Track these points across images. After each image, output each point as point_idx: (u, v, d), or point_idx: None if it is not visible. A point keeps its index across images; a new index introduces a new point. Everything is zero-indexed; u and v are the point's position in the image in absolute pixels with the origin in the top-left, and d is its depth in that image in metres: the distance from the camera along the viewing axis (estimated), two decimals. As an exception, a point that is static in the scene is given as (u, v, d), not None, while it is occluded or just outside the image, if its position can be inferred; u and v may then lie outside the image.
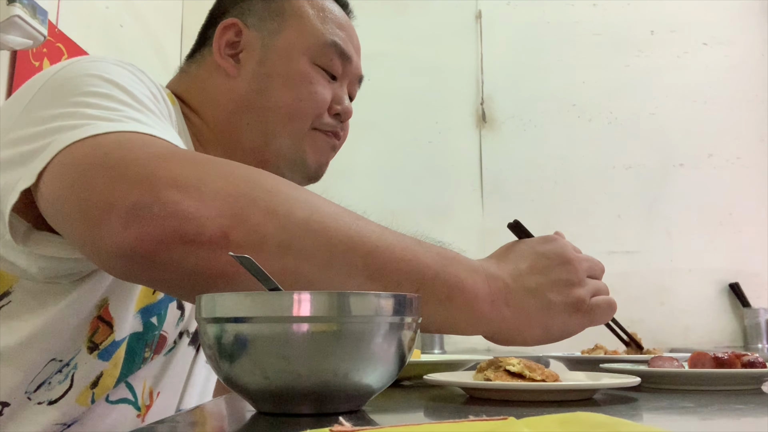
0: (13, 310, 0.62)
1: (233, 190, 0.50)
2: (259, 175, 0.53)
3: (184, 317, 0.78)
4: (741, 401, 0.57)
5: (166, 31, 2.40)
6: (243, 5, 0.86)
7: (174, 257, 0.48)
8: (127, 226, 0.48)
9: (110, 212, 0.48)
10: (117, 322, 0.68)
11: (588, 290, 0.63)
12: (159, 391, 0.78)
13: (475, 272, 0.57)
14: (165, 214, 0.47)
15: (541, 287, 0.60)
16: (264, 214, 0.49)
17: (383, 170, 2.48)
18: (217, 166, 0.52)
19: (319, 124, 0.83)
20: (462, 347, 2.33)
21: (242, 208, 0.49)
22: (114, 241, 0.48)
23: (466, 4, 2.62)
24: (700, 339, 2.34)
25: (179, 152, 0.54)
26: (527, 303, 0.59)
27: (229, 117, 0.81)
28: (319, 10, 0.85)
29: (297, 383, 0.43)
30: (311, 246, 0.50)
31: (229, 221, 0.48)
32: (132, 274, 0.54)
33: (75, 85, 0.60)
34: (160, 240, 0.47)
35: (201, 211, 0.48)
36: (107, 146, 0.52)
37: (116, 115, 0.56)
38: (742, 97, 2.50)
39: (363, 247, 0.52)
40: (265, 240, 0.49)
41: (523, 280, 0.60)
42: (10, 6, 1.37)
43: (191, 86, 0.84)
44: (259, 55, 0.82)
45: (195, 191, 0.48)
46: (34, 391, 0.65)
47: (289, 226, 0.50)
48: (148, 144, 0.53)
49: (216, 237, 0.48)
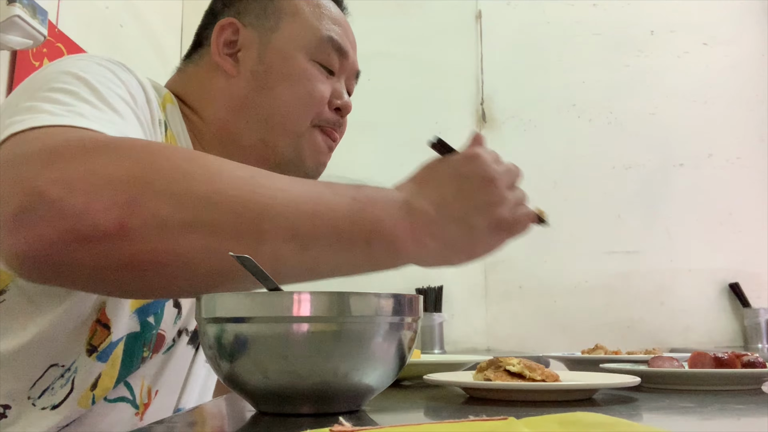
0: (10, 310, 0.62)
1: (124, 175, 0.48)
2: (152, 155, 0.50)
3: (181, 315, 0.78)
4: (741, 401, 0.57)
5: (166, 31, 2.40)
6: (239, 5, 0.86)
7: (74, 256, 0.47)
8: (14, 232, 0.46)
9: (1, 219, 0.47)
10: (114, 322, 0.68)
11: (509, 206, 0.62)
12: (157, 390, 0.78)
13: (395, 209, 0.57)
14: (52, 215, 0.45)
15: (466, 214, 0.60)
16: (160, 195, 0.48)
17: (383, 170, 2.47)
18: (109, 151, 0.50)
19: (319, 121, 0.83)
20: (462, 347, 2.33)
21: (136, 193, 0.47)
22: (6, 247, 0.47)
23: (466, 4, 2.62)
24: (700, 339, 2.34)
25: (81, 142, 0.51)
26: (452, 232, 0.59)
27: (228, 115, 0.82)
28: (314, 7, 0.86)
29: (297, 383, 0.43)
30: (216, 220, 0.49)
31: (122, 210, 0.46)
32: (38, 278, 0.52)
33: (45, 81, 0.60)
34: (54, 242, 0.46)
35: (90, 204, 0.46)
36: (25, 142, 0.50)
37: (64, 109, 0.55)
38: (742, 97, 2.49)
39: (271, 209, 0.51)
40: (166, 222, 0.47)
41: (447, 208, 0.59)
42: (10, 6, 1.37)
43: (190, 86, 0.84)
44: (257, 53, 0.83)
45: (82, 184, 0.46)
46: (38, 398, 0.65)
47: (188, 203, 0.48)
48: (73, 137, 0.51)
49: (112, 229, 0.46)
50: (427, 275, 2.31)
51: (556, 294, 2.36)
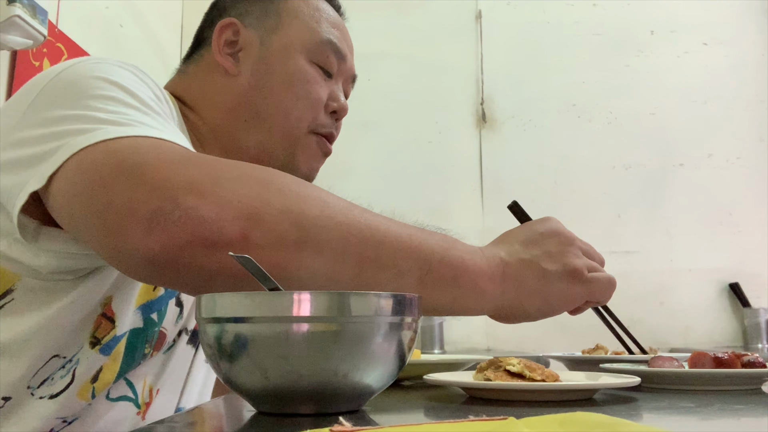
0: (16, 307, 0.63)
1: (248, 191, 0.51)
2: (270, 175, 0.55)
3: (183, 315, 0.78)
4: (741, 401, 0.57)
5: (166, 31, 2.40)
6: (239, 6, 0.87)
7: (197, 261, 0.49)
8: (149, 233, 0.49)
9: (130, 219, 0.49)
10: (118, 317, 0.69)
11: (584, 262, 0.64)
12: (159, 389, 0.78)
13: (474, 253, 0.60)
14: (186, 220, 0.49)
15: (535, 258, 0.62)
16: (279, 213, 0.51)
17: (383, 170, 2.47)
18: (229, 168, 0.54)
19: (315, 126, 0.84)
20: (462, 347, 2.33)
21: (258, 209, 0.50)
22: (137, 247, 0.49)
23: (466, 4, 2.62)
24: (700, 339, 2.34)
25: (191, 156, 0.55)
26: (524, 274, 0.61)
27: (227, 114, 0.82)
28: (313, 10, 0.87)
29: (297, 383, 0.43)
30: (325, 241, 0.52)
31: (247, 223, 0.50)
32: (155, 278, 0.55)
33: (80, 88, 0.60)
34: (183, 245, 0.49)
35: (220, 214, 0.49)
36: (121, 151, 0.53)
37: (124, 118, 0.57)
38: (742, 97, 2.49)
39: (373, 238, 0.54)
40: (283, 238, 0.51)
41: (517, 253, 0.62)
42: (10, 6, 1.37)
43: (190, 86, 0.85)
44: (258, 53, 0.84)
45: (212, 195, 0.50)
46: (37, 387, 0.65)
47: (303, 224, 0.52)
48: (161, 149, 0.54)
49: (236, 239, 0.49)
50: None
51: (556, 294, 2.36)
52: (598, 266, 0.67)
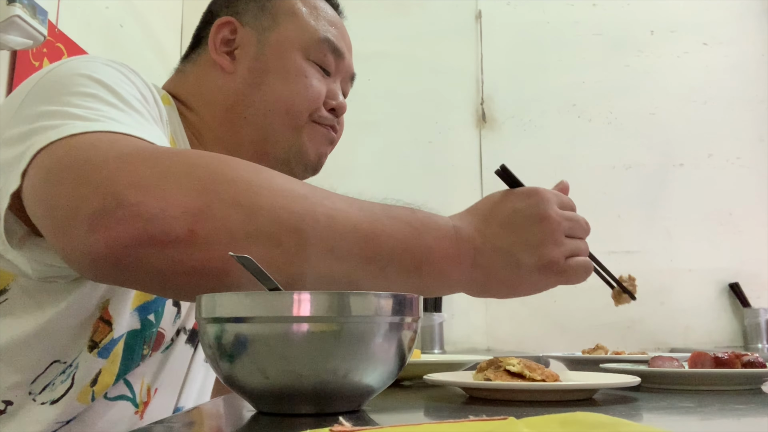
0: (11, 308, 0.62)
1: (196, 184, 0.49)
2: (221, 165, 0.52)
3: (180, 314, 0.78)
4: (741, 401, 0.57)
5: (166, 31, 2.40)
6: (237, 5, 0.87)
7: (143, 259, 0.48)
8: (92, 232, 0.47)
9: (75, 218, 0.48)
10: (115, 319, 0.68)
11: (563, 251, 0.62)
12: (157, 388, 0.78)
13: (443, 238, 0.58)
14: (129, 217, 0.47)
15: (511, 247, 0.60)
16: (228, 206, 0.49)
17: (383, 170, 2.47)
18: (178, 160, 0.52)
19: (317, 117, 0.84)
20: (462, 347, 2.33)
21: (206, 202, 0.49)
22: (82, 246, 0.48)
23: (466, 4, 2.62)
24: (700, 339, 2.34)
25: (144, 150, 0.53)
26: (495, 263, 0.60)
27: (225, 113, 0.82)
28: (311, 8, 0.87)
29: (297, 383, 0.43)
30: (278, 234, 0.50)
31: (194, 218, 0.48)
32: (104, 277, 0.54)
33: (63, 85, 0.60)
34: (128, 243, 0.47)
35: (165, 210, 0.48)
36: (77, 148, 0.52)
37: (96, 114, 0.56)
38: (742, 97, 2.49)
39: (330, 228, 0.52)
40: (233, 232, 0.49)
41: (493, 240, 0.60)
42: (10, 6, 1.37)
43: (187, 85, 0.85)
44: (255, 51, 0.83)
45: (157, 190, 0.48)
46: (39, 393, 0.65)
47: (254, 216, 0.50)
48: (117, 143, 0.52)
49: (183, 235, 0.48)
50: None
51: (556, 294, 2.34)
52: (581, 246, 0.64)
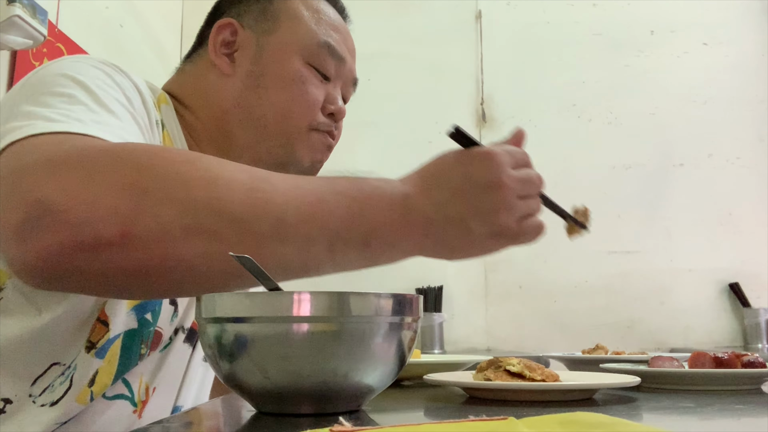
0: (6, 306, 0.62)
1: (124, 182, 0.48)
2: (151, 160, 0.51)
3: (177, 313, 0.78)
4: (741, 401, 0.57)
5: (166, 31, 2.40)
6: (239, 6, 0.87)
7: (79, 265, 0.47)
8: (22, 242, 0.47)
9: (6, 229, 0.48)
10: (112, 319, 0.68)
11: (515, 216, 0.60)
12: (155, 387, 0.78)
13: (392, 209, 0.57)
14: (57, 225, 0.46)
15: (463, 216, 0.58)
16: (160, 202, 0.48)
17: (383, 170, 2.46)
18: (109, 158, 0.50)
19: (316, 125, 0.84)
20: (462, 347, 2.33)
21: (137, 201, 0.47)
22: (16, 258, 0.48)
23: (466, 4, 2.62)
24: (700, 339, 2.34)
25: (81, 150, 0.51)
26: (447, 233, 0.58)
27: (223, 115, 0.82)
28: (313, 12, 0.86)
29: (297, 383, 0.43)
30: (216, 225, 0.49)
31: (125, 219, 0.47)
32: (46, 285, 0.53)
33: (44, 84, 0.60)
34: (59, 252, 0.46)
35: (92, 215, 0.46)
36: (24, 151, 0.51)
37: (61, 115, 0.55)
38: (742, 97, 2.49)
39: (270, 213, 0.51)
40: (168, 229, 0.48)
41: (444, 209, 0.58)
42: (10, 6, 1.37)
43: (186, 84, 0.85)
44: (254, 54, 0.83)
45: (82, 195, 0.47)
46: (39, 395, 0.65)
47: (189, 209, 0.49)
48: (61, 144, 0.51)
49: (115, 238, 0.47)
50: (427, 275, 2.31)
51: (556, 294, 2.36)
52: (533, 206, 0.63)
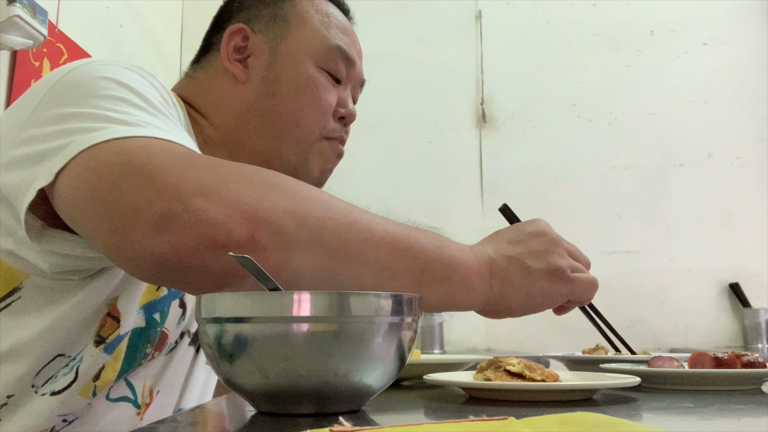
0: (23, 306, 0.63)
1: (255, 193, 0.52)
2: (274, 178, 0.56)
3: (185, 316, 0.78)
4: (741, 401, 0.57)
5: (166, 31, 2.39)
6: (249, 11, 0.87)
7: (204, 262, 0.50)
8: (157, 234, 0.49)
9: (138, 220, 0.50)
10: (123, 315, 0.69)
11: (568, 262, 0.67)
12: (158, 390, 0.78)
13: (464, 251, 0.62)
14: (195, 222, 0.49)
15: (521, 255, 0.65)
16: (285, 215, 0.52)
17: (383, 170, 2.47)
18: (236, 171, 0.55)
19: (327, 132, 0.85)
20: (462, 347, 2.33)
21: (265, 210, 0.51)
22: (144, 248, 0.50)
23: (466, 4, 2.62)
24: (700, 339, 2.34)
25: (198, 158, 0.55)
26: (509, 270, 0.64)
27: (237, 121, 0.82)
28: (323, 16, 0.87)
29: (297, 383, 0.43)
30: (329, 242, 0.53)
31: (254, 224, 0.50)
32: (161, 279, 0.56)
33: (89, 87, 0.61)
34: (193, 246, 0.49)
35: (228, 216, 0.50)
36: (129, 151, 0.53)
37: (132, 119, 0.57)
38: (742, 97, 2.49)
39: (373, 239, 0.56)
40: (289, 239, 0.51)
41: (504, 251, 0.65)
42: (10, 6, 1.37)
43: (198, 90, 0.85)
44: (267, 59, 0.83)
45: (220, 198, 0.50)
46: (42, 385, 0.66)
47: (308, 225, 0.53)
48: (168, 150, 0.54)
49: (244, 240, 0.50)
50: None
51: (556, 294, 2.36)
52: (582, 267, 0.69)
